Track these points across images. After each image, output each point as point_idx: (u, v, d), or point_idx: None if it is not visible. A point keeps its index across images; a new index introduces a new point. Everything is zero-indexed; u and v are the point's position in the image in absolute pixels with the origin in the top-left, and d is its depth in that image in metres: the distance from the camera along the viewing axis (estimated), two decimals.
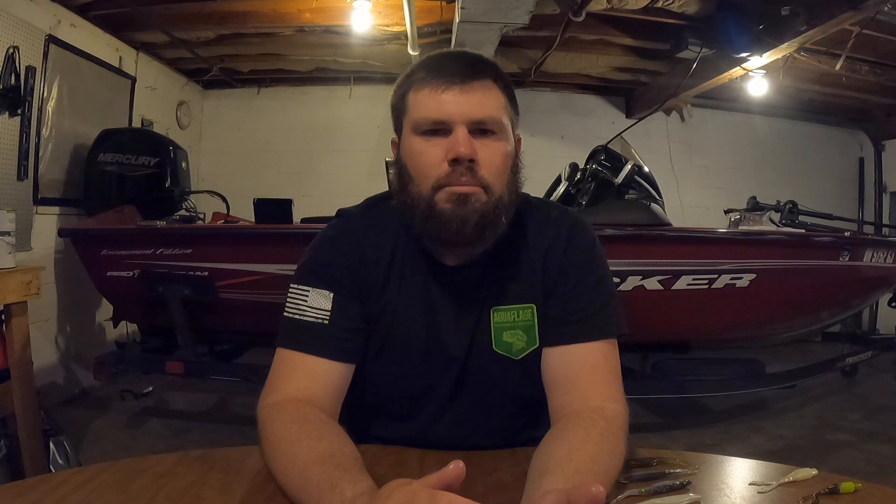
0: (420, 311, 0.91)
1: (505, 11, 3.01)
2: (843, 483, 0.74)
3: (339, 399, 0.87)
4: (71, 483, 0.73)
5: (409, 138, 0.86)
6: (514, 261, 0.91)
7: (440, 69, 0.85)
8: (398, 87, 0.90)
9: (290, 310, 0.88)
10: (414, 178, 0.86)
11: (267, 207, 3.22)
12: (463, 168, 0.82)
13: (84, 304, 3.63)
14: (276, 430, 0.76)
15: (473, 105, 0.83)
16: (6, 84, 2.91)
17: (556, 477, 0.64)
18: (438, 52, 0.90)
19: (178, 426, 3.14)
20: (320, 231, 0.96)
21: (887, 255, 3.55)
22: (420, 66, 0.88)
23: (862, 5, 2.89)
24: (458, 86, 0.83)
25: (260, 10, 3.79)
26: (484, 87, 0.84)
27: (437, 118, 0.83)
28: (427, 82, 0.84)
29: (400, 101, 0.89)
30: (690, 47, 3.76)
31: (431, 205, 0.84)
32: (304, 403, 0.80)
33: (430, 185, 0.84)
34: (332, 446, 0.71)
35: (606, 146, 3.46)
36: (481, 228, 0.84)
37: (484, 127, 0.84)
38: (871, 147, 5.84)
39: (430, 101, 0.83)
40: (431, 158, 0.83)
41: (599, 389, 0.83)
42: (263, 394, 0.84)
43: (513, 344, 0.90)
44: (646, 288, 2.90)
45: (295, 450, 0.71)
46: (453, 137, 0.82)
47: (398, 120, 0.90)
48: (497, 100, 0.85)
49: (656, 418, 3.40)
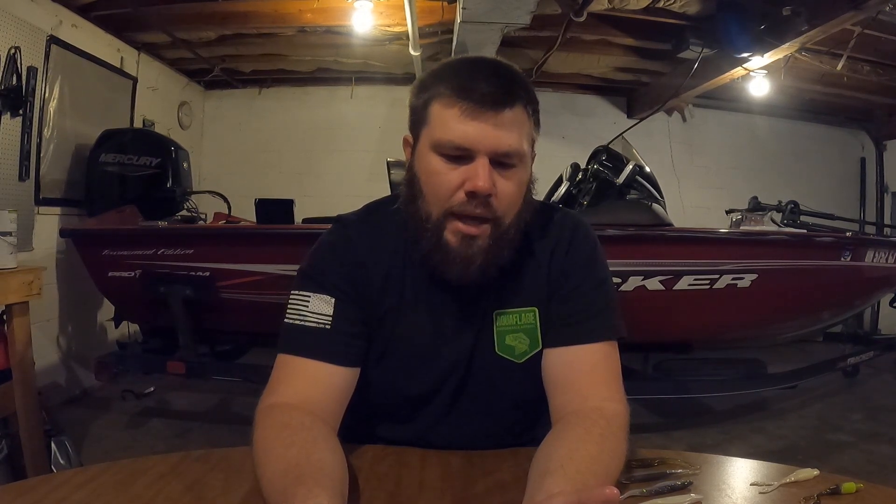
0: (423, 317, 0.90)
1: (506, 12, 3.01)
2: (844, 483, 0.74)
3: (341, 403, 0.85)
4: (72, 483, 0.73)
5: (426, 153, 0.83)
6: (517, 264, 0.90)
7: (471, 88, 0.79)
8: (421, 88, 0.86)
9: (292, 316, 0.87)
10: (426, 195, 0.84)
11: (268, 208, 3.22)
12: (478, 201, 0.80)
13: (85, 305, 3.64)
14: (257, 436, 0.75)
15: (500, 137, 0.80)
16: (8, 84, 2.92)
17: (558, 478, 0.64)
18: (470, 59, 0.86)
19: (179, 426, 3.15)
20: (320, 237, 0.95)
21: (888, 255, 3.55)
22: (449, 74, 0.83)
23: (863, 5, 2.88)
24: (489, 113, 0.79)
25: (261, 10, 3.79)
26: (514, 115, 0.81)
27: (461, 145, 0.80)
28: (455, 102, 0.80)
29: (422, 107, 0.85)
30: (692, 47, 3.76)
31: (439, 231, 0.83)
32: (294, 408, 0.78)
33: (442, 210, 0.82)
34: (299, 455, 0.69)
35: (608, 146, 3.46)
36: (486, 267, 0.84)
37: (507, 160, 0.82)
38: (873, 147, 5.83)
39: (456, 125, 0.80)
40: (448, 183, 0.81)
41: (599, 389, 0.83)
42: (261, 398, 0.83)
43: (515, 347, 0.90)
44: (647, 288, 2.90)
45: (267, 458, 0.70)
46: (474, 168, 0.80)
47: (416, 125, 0.86)
48: (523, 128, 0.83)
49: (657, 418, 3.40)
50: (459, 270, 0.83)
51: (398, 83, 5.09)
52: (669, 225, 3.07)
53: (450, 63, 0.87)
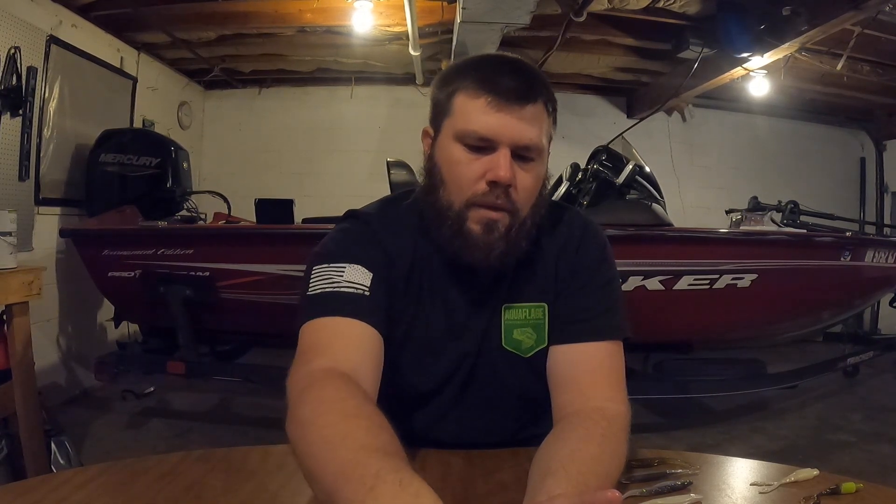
0: (438, 312, 0.91)
1: (506, 12, 3.01)
2: (844, 483, 0.74)
3: (380, 371, 0.80)
4: (72, 483, 0.73)
5: (448, 143, 0.85)
6: (528, 261, 0.91)
7: (496, 81, 0.82)
8: (444, 81, 0.88)
9: (322, 284, 0.83)
10: (447, 184, 0.85)
11: (268, 208, 3.22)
12: (499, 191, 0.82)
13: (85, 305, 3.63)
14: (307, 412, 0.66)
15: (522, 130, 0.82)
16: (8, 84, 2.91)
17: (560, 478, 0.64)
18: (494, 55, 0.89)
19: (179, 426, 3.14)
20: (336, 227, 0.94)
21: (888, 255, 3.55)
22: (474, 68, 0.85)
23: (863, 5, 2.88)
24: (513, 106, 0.81)
25: (261, 10, 3.79)
26: (535, 110, 0.83)
27: (485, 135, 0.82)
28: (481, 93, 0.82)
29: (446, 99, 0.86)
30: (692, 47, 3.76)
31: (462, 220, 0.84)
32: (347, 380, 0.71)
33: (464, 200, 0.83)
34: (368, 432, 0.62)
35: (608, 146, 3.46)
36: (506, 255, 0.85)
37: (526, 153, 0.83)
38: (873, 147, 5.84)
39: (481, 116, 0.82)
40: (471, 173, 0.83)
41: (602, 389, 0.84)
42: (294, 367, 0.75)
43: (522, 341, 0.91)
44: (647, 288, 2.90)
45: (334, 434, 0.62)
46: (496, 159, 0.81)
47: (438, 117, 0.88)
48: (543, 124, 0.85)
49: (658, 418, 3.40)
50: (481, 256, 0.84)
51: (398, 83, 5.08)
52: (669, 225, 3.07)
53: (473, 58, 0.89)
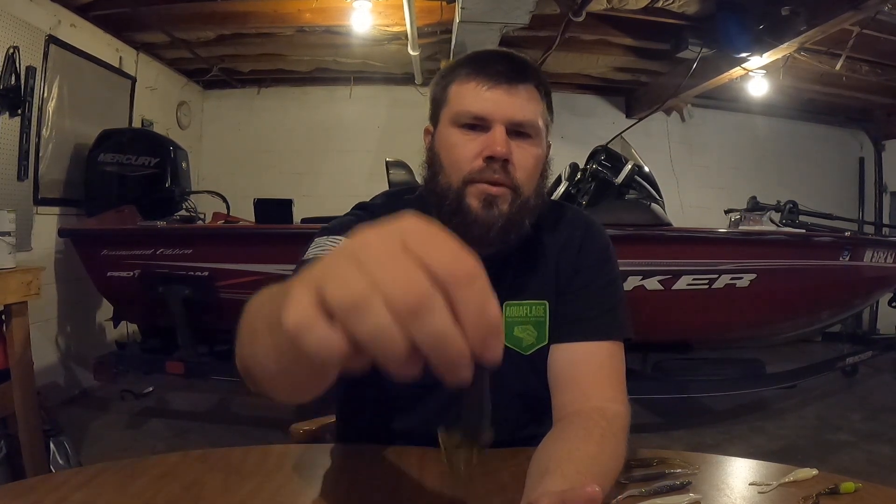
0: None
1: (505, 11, 3.01)
2: (843, 483, 0.74)
3: None
4: (71, 483, 0.73)
5: (446, 129, 0.88)
6: (530, 258, 0.92)
7: (487, 67, 0.86)
8: (441, 78, 0.91)
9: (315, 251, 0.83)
10: (446, 168, 0.87)
11: (267, 207, 3.22)
12: (496, 166, 0.83)
13: (84, 305, 3.63)
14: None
15: (515, 106, 0.84)
16: (6, 84, 2.91)
17: (556, 477, 0.64)
18: (486, 49, 0.92)
19: (178, 426, 3.14)
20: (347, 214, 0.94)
21: (887, 255, 3.55)
22: (466, 61, 0.89)
23: (862, 5, 2.88)
24: (503, 86, 0.84)
25: (260, 10, 3.79)
26: (527, 90, 0.86)
27: (478, 113, 0.84)
28: (472, 77, 0.86)
29: (441, 91, 0.90)
30: (691, 47, 3.76)
31: (460, 197, 0.85)
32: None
33: (462, 178, 0.85)
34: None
35: (607, 146, 3.46)
36: (506, 232, 0.85)
37: (521, 129, 0.85)
38: (872, 147, 5.84)
39: (473, 96, 0.85)
40: (467, 152, 0.85)
41: (602, 389, 0.84)
42: None
43: (523, 339, 0.91)
44: (646, 288, 2.90)
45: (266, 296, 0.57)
46: (491, 135, 0.84)
47: (436, 110, 0.91)
48: (537, 105, 0.87)
49: (657, 418, 3.40)
50: (480, 232, 0.84)
51: (397, 83, 5.07)
52: (668, 225, 3.07)
53: (467, 54, 0.92)
